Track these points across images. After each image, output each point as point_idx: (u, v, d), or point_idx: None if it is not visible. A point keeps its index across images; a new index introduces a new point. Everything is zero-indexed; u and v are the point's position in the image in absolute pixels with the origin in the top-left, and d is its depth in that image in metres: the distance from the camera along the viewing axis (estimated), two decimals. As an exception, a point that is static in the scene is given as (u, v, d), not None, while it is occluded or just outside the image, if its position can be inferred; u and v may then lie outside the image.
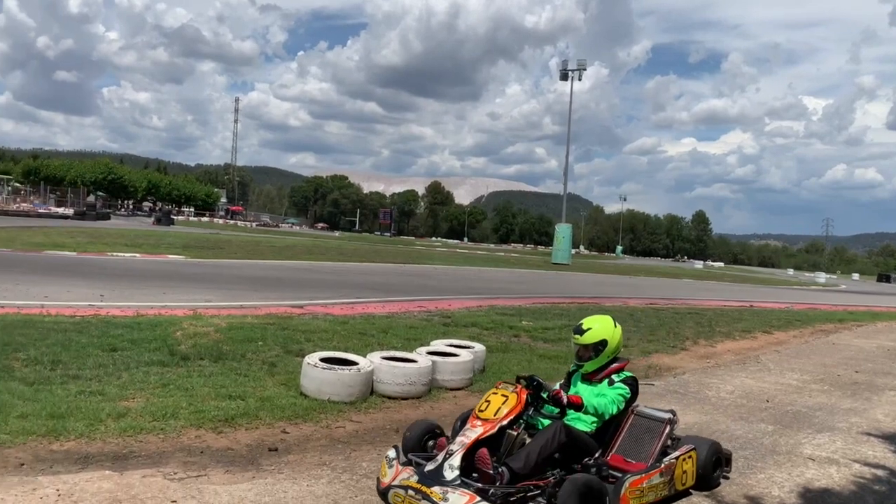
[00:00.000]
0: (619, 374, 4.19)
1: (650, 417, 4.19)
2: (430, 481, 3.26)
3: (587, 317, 4.32)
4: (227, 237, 38.37)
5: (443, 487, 3.20)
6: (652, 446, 4.04)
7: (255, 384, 5.89)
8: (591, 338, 4.14)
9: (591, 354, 4.15)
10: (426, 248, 59.75)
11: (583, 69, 50.11)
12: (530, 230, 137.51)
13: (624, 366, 4.28)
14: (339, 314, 10.16)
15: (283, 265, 21.71)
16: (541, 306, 13.89)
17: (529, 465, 3.51)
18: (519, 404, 3.64)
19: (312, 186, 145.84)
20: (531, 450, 3.57)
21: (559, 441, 3.64)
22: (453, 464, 3.35)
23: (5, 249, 17.98)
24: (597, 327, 4.18)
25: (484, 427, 3.54)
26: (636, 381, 4.21)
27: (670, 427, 4.16)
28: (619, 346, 4.24)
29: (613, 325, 4.25)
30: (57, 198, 62.04)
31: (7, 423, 4.32)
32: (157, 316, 8.39)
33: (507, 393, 3.69)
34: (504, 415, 3.59)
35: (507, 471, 3.48)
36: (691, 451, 4.08)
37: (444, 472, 3.32)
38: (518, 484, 3.44)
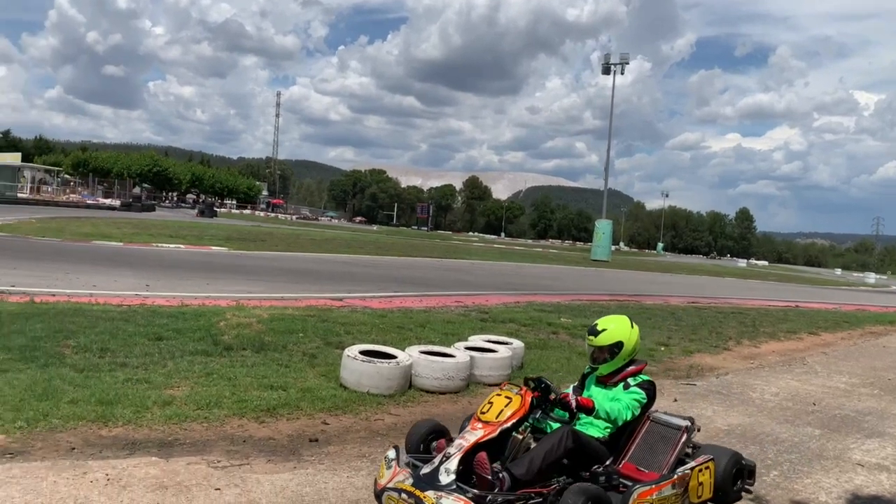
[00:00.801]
0: (636, 378, 3.93)
1: (666, 424, 3.92)
2: (424, 485, 3.10)
3: (602, 317, 4.10)
4: (268, 230, 38.97)
5: (437, 492, 3.04)
6: (666, 455, 3.77)
7: (296, 375, 5.97)
8: (606, 339, 3.89)
9: (606, 356, 3.91)
10: (463, 242, 59.76)
11: (625, 63, 49.46)
12: (569, 226, 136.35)
13: (641, 368, 4.01)
14: (377, 307, 10.23)
15: (322, 258, 21.96)
16: (580, 303, 13.77)
17: (532, 472, 3.31)
18: (522, 407, 3.45)
19: (351, 180, 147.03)
20: (535, 455, 3.37)
21: (566, 447, 3.42)
22: (450, 467, 3.18)
23: (55, 239, 18.58)
24: (612, 328, 3.92)
25: (485, 430, 3.36)
26: (653, 386, 3.95)
27: (687, 435, 3.88)
28: (635, 348, 3.98)
29: (630, 326, 3.98)
30: (104, 189, 63.83)
31: (59, 409, 4.46)
32: (201, 306, 8.57)
33: (510, 395, 3.50)
34: (506, 417, 3.40)
35: (509, 476, 3.29)
36: (709, 462, 3.82)
37: (440, 476, 3.15)
38: (518, 491, 3.24)
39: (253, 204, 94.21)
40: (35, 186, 53.94)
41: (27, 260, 12.82)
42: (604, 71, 50.18)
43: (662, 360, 8.72)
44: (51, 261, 13.09)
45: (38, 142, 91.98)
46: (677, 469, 3.70)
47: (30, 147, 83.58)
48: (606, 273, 30.42)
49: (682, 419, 3.96)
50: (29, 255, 13.96)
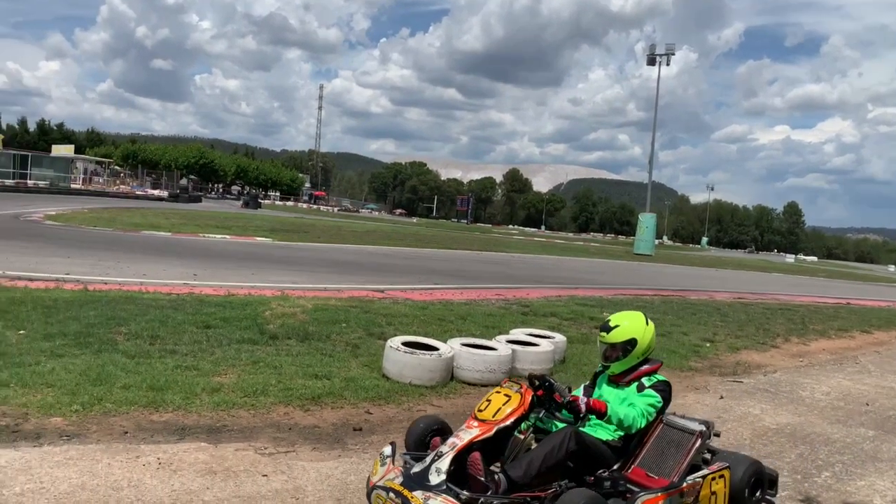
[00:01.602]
0: (650, 378, 3.68)
1: (680, 428, 3.64)
2: (413, 484, 2.95)
3: (616, 312, 3.89)
4: (311, 221, 39.46)
5: (425, 492, 2.88)
6: (678, 461, 3.49)
7: (339, 365, 6.04)
8: (618, 336, 3.66)
9: (619, 355, 3.67)
10: (503, 235, 59.56)
11: (671, 53, 48.46)
12: (611, 219, 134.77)
13: (656, 368, 3.76)
14: (418, 299, 10.27)
15: (363, 250, 22.14)
16: (623, 298, 13.60)
17: (530, 475, 3.12)
18: (521, 406, 3.26)
19: (392, 173, 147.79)
20: (534, 457, 3.18)
21: (568, 449, 3.21)
22: (441, 467, 3.00)
23: (107, 229, 19.14)
24: (625, 325, 3.69)
25: (480, 428, 3.17)
26: (668, 387, 3.69)
27: (701, 441, 3.58)
28: (650, 346, 3.74)
29: (645, 323, 3.74)
30: (152, 181, 65.45)
31: (112, 393, 4.60)
32: (247, 296, 8.73)
33: (510, 392, 3.32)
34: (504, 416, 3.20)
35: (505, 479, 3.12)
36: (723, 470, 3.58)
37: (430, 476, 2.98)
38: (513, 494, 3.07)
39: (296, 196, 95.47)
40: (87, 177, 55.58)
41: (80, 249, 13.23)
42: (649, 62, 49.24)
43: (708, 357, 8.57)
44: (103, 250, 13.49)
45: (90, 134, 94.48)
46: (688, 477, 3.45)
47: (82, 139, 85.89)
48: (649, 267, 29.98)
49: (697, 423, 3.68)
50: (82, 244, 14.41)
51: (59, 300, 7.30)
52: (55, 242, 14.21)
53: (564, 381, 6.44)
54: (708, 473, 3.52)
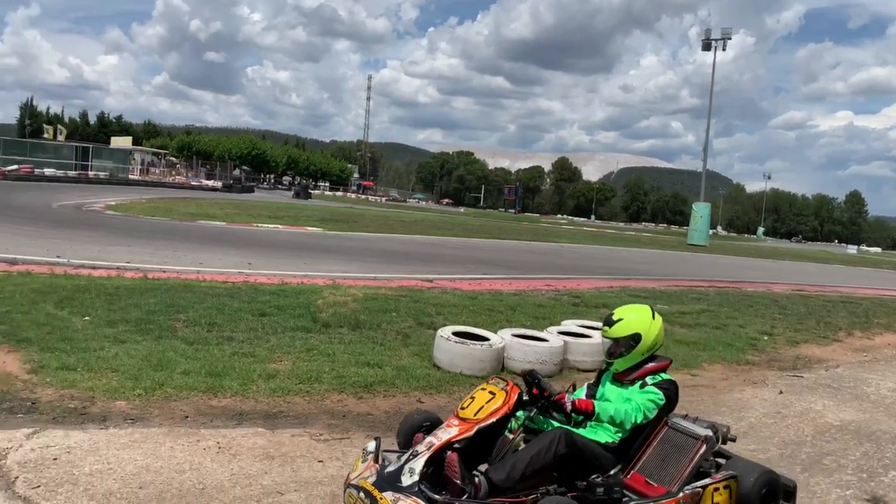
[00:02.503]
0: (655, 377, 3.41)
1: (684, 432, 3.37)
2: (385, 484, 2.79)
3: (620, 306, 3.64)
4: (360, 211, 39.85)
5: (395, 493, 2.72)
6: (679, 468, 3.23)
7: (390, 354, 6.10)
8: (620, 330, 3.41)
9: (622, 350, 3.42)
10: (552, 225, 59.06)
11: (727, 38, 46.99)
12: (663, 209, 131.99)
13: (664, 366, 3.50)
14: (467, 289, 10.26)
15: (411, 239, 22.24)
16: (676, 289, 13.31)
17: (513, 478, 2.92)
18: (505, 405, 3.04)
19: (439, 162, 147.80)
20: (518, 459, 2.99)
21: (556, 452, 3.00)
22: (414, 467, 2.83)
23: (164, 219, 19.73)
24: (629, 318, 3.45)
25: (460, 427, 2.97)
26: (674, 386, 3.42)
27: (706, 447, 3.30)
28: (656, 342, 3.49)
29: (651, 317, 3.50)
30: (207, 171, 66.97)
31: (172, 379, 4.74)
32: (300, 284, 8.87)
33: (495, 389, 3.11)
34: (485, 415, 3.00)
35: (486, 482, 2.92)
36: (729, 480, 3.27)
37: (402, 477, 2.81)
38: (491, 499, 2.88)
39: (345, 186, 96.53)
40: (144, 168, 57.29)
41: (140, 238, 13.67)
42: (704, 47, 47.86)
43: (766, 350, 8.32)
44: (161, 239, 13.90)
45: (147, 126, 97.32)
46: (688, 486, 3.17)
47: (139, 131, 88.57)
48: (704, 258, 29.29)
49: (703, 427, 3.39)
50: (141, 233, 14.88)
51: (120, 288, 7.55)
52: (115, 232, 14.73)
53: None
54: (710, 483, 3.22)
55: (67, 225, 15.53)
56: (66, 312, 6.28)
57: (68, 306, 6.49)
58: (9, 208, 18.27)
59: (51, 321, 5.92)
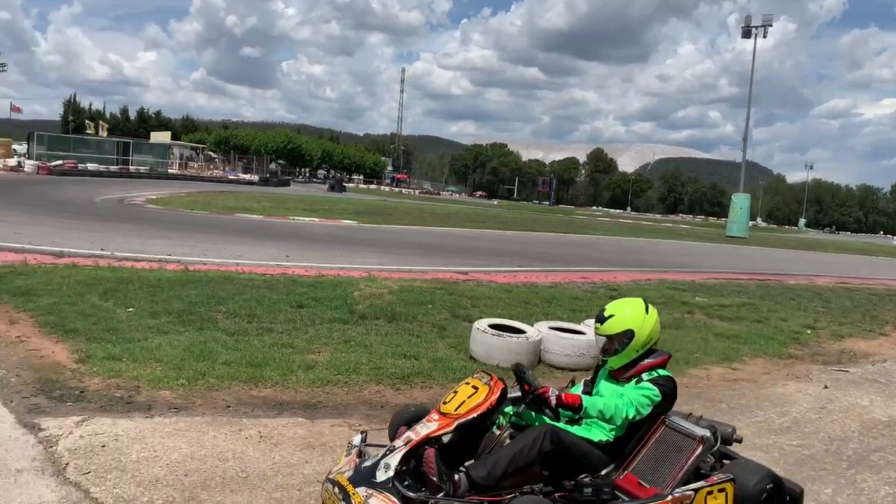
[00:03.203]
0: (651, 373, 3.25)
1: (681, 432, 3.17)
2: (359, 479, 2.72)
3: (613, 301, 3.46)
4: (394, 204, 40.02)
5: (368, 489, 2.64)
6: (674, 469, 3.05)
7: (427, 345, 6.12)
8: (613, 327, 3.26)
9: (616, 347, 3.27)
10: (587, 217, 58.54)
11: (768, 25, 45.87)
12: (701, 200, 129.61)
13: (661, 362, 3.32)
14: (502, 282, 10.25)
15: (445, 232, 22.27)
16: (716, 282, 13.09)
17: (494, 476, 2.80)
18: (487, 400, 2.90)
19: (472, 155, 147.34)
20: (500, 457, 2.87)
21: (541, 450, 2.87)
22: (390, 463, 2.75)
23: (203, 212, 20.08)
24: (621, 313, 3.28)
25: (439, 423, 2.86)
26: (671, 382, 3.24)
27: (703, 448, 3.10)
28: (650, 337, 3.30)
29: (644, 312, 3.31)
30: (243, 165, 67.96)
31: (214, 369, 4.83)
32: (337, 277, 8.95)
33: (478, 384, 2.99)
34: (466, 411, 2.87)
35: (466, 479, 2.80)
36: (725, 483, 3.06)
37: (377, 472, 2.73)
38: (468, 497, 2.75)
39: (378, 179, 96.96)
40: (183, 163, 58.35)
41: (179, 231, 13.94)
42: (744, 34, 46.81)
43: (809, 344, 8.13)
44: (200, 232, 14.15)
45: (185, 121, 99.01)
46: (678, 489, 2.98)
47: (178, 126, 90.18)
48: (743, 250, 28.72)
49: (701, 428, 3.20)
50: (181, 226, 15.18)
51: (162, 280, 7.71)
52: (156, 225, 15.04)
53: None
54: (703, 486, 3.02)
55: (110, 218, 15.91)
56: (110, 304, 6.44)
57: (112, 298, 6.65)
58: (54, 203, 18.79)
59: (96, 312, 6.07)
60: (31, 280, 7.14)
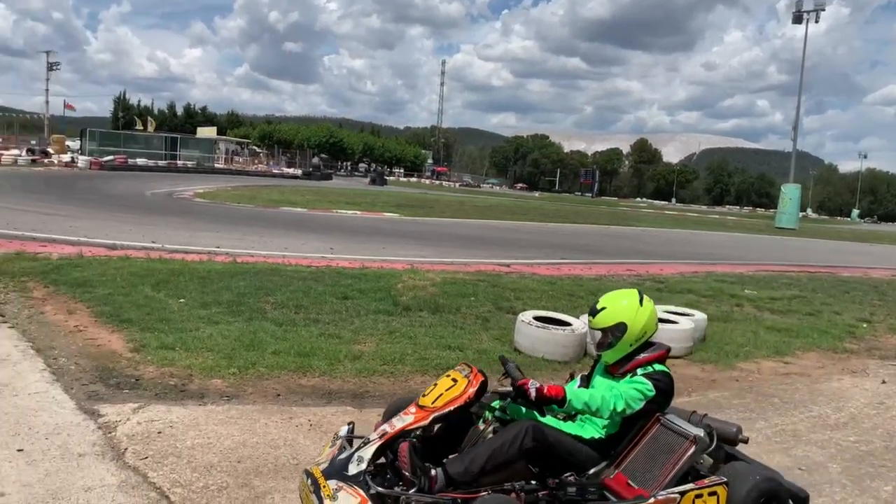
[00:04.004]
0: (646, 368, 3.07)
1: (675, 431, 2.98)
2: (332, 471, 2.66)
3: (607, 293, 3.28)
4: (434, 197, 40.10)
5: (339, 482, 2.57)
6: (663, 470, 2.88)
7: (471, 337, 6.13)
8: (604, 320, 3.11)
9: (610, 341, 3.12)
10: (631, 209, 57.72)
11: (820, 9, 44.27)
12: (748, 191, 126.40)
13: (658, 356, 3.13)
14: (545, 274, 10.18)
15: (486, 224, 22.23)
16: (765, 274, 12.76)
17: (471, 472, 2.69)
18: (465, 394, 2.78)
19: (513, 146, 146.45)
20: (478, 453, 2.75)
21: (522, 446, 2.75)
22: (363, 455, 2.67)
23: (249, 205, 20.45)
24: (613, 306, 3.13)
25: (416, 416, 2.77)
26: (667, 377, 3.06)
27: (695, 448, 2.90)
28: (645, 330, 3.12)
29: (638, 304, 3.14)
30: (287, 159, 68.90)
31: (264, 358, 4.92)
32: (380, 269, 9.01)
33: (458, 377, 2.87)
34: (442, 404, 2.76)
35: (443, 475, 2.69)
36: (717, 486, 2.86)
37: (350, 465, 2.66)
38: (438, 494, 2.64)
39: (419, 172, 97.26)
40: (228, 157, 59.38)
41: (227, 224, 14.22)
42: (794, 20, 45.26)
43: (865, 338, 7.88)
44: (247, 225, 14.42)
45: (230, 116, 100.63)
46: (663, 491, 2.80)
47: (223, 121, 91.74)
48: (793, 242, 27.94)
49: (695, 427, 3.01)
50: (228, 219, 15.49)
51: (212, 271, 7.88)
52: (204, 218, 15.38)
53: (705, 359, 6.18)
54: (691, 489, 2.84)
55: (160, 212, 16.34)
56: (162, 295, 6.61)
57: (164, 289, 6.83)
58: (107, 197, 19.37)
59: (149, 303, 6.24)
60: (86, 272, 7.37)
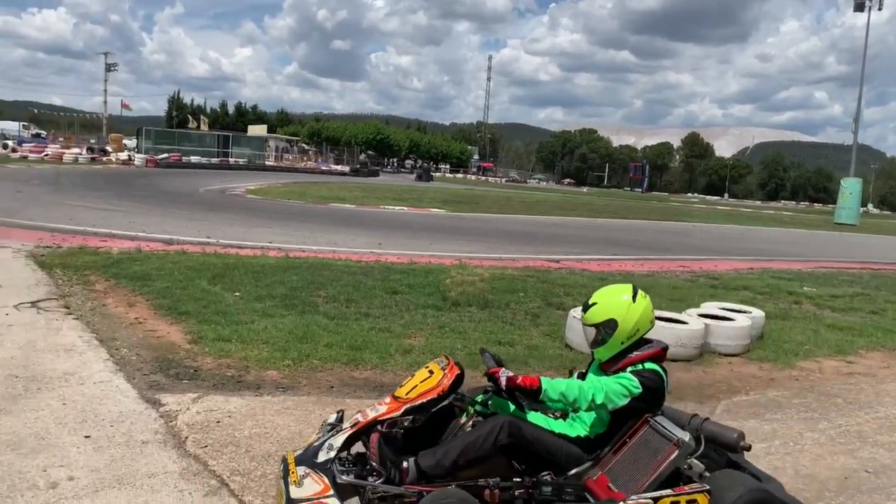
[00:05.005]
0: (636, 366, 2.91)
1: (661, 434, 2.81)
2: (304, 458, 2.65)
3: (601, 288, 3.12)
4: (481, 192, 40.04)
5: (307, 469, 2.58)
6: (644, 473, 2.73)
7: (521, 333, 6.09)
8: (594, 316, 2.97)
9: (601, 338, 2.98)
10: (682, 204, 56.57)
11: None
12: (805, 186, 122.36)
13: (651, 355, 2.95)
14: (595, 270, 10.07)
15: (534, 220, 22.10)
16: (825, 271, 12.35)
17: (443, 466, 2.63)
18: (439, 386, 2.72)
19: (560, 141, 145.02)
20: (452, 446, 2.69)
21: (497, 442, 2.66)
22: (334, 443, 2.65)
23: (299, 202, 20.77)
24: (604, 302, 2.98)
25: (389, 406, 2.73)
26: (656, 376, 2.87)
27: (678, 452, 2.74)
28: (637, 327, 2.95)
29: (631, 300, 2.97)
30: (335, 156, 69.79)
31: (317, 351, 4.99)
32: (428, 264, 9.05)
33: (435, 368, 2.81)
34: (415, 395, 2.71)
35: (415, 468, 2.64)
36: (696, 494, 2.68)
37: (320, 452, 2.64)
38: (404, 486, 2.60)
39: (465, 168, 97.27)
40: (278, 155, 60.49)
41: (278, 220, 14.48)
42: (856, 7, 43.60)
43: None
44: (297, 221, 14.66)
45: (280, 114, 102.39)
46: (635, 495, 2.66)
47: (273, 119, 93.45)
48: (854, 238, 26.96)
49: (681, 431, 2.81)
50: (279, 215, 15.77)
51: (265, 266, 8.03)
52: (257, 214, 15.70)
53: (763, 357, 6.00)
54: (666, 496, 2.67)
55: (214, 208, 16.73)
56: (218, 288, 6.77)
57: (220, 282, 6.99)
58: (162, 193, 19.94)
59: (206, 296, 6.39)
60: (145, 266, 7.60)
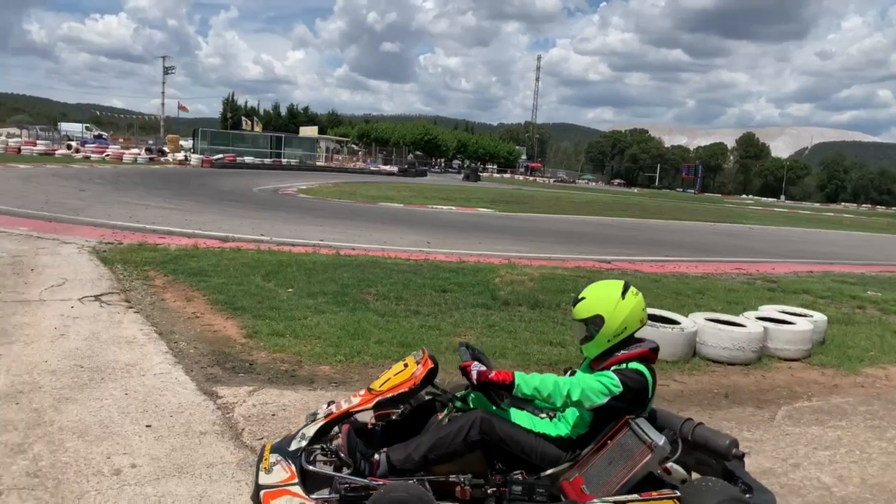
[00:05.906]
0: (620, 365, 2.80)
1: (638, 436, 2.68)
2: (279, 446, 2.68)
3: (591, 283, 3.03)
4: (529, 192, 39.81)
5: (279, 457, 2.60)
6: (615, 476, 2.64)
7: (572, 334, 5.98)
8: (581, 312, 2.88)
9: (588, 334, 2.88)
10: (737, 205, 55.18)
11: (954, -12, 40.59)
12: (867, 187, 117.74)
13: (637, 354, 2.83)
14: (648, 271, 9.89)
15: (584, 220, 21.84)
16: (890, 275, 11.87)
17: (412, 461, 2.63)
18: (412, 379, 2.70)
19: (610, 141, 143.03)
20: (423, 441, 2.67)
21: (468, 438, 2.63)
22: (306, 433, 2.67)
23: (349, 201, 21.03)
24: (591, 298, 2.88)
25: (362, 398, 2.72)
26: (639, 376, 2.75)
27: (651, 455, 2.60)
28: (625, 325, 2.83)
29: (619, 297, 2.86)
30: (384, 157, 70.43)
31: (368, 347, 5.03)
32: (477, 263, 9.04)
33: (410, 362, 2.80)
34: (388, 388, 2.71)
35: (386, 461, 2.64)
36: (666, 501, 2.57)
37: (293, 441, 2.67)
38: (373, 479, 2.58)
39: (512, 168, 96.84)
40: (329, 155, 61.31)
41: (329, 218, 14.67)
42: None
43: None
44: (348, 219, 14.83)
45: (331, 116, 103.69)
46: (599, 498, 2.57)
47: (324, 121, 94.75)
48: (920, 241, 25.79)
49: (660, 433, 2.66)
50: (330, 214, 15.98)
51: (317, 263, 8.14)
52: (309, 213, 15.94)
53: (826, 363, 5.78)
54: (634, 500, 2.58)
55: (267, 206, 17.06)
56: (272, 284, 6.89)
57: (274, 279, 7.11)
58: (218, 192, 20.43)
59: (260, 292, 6.51)
60: (202, 262, 7.78)
